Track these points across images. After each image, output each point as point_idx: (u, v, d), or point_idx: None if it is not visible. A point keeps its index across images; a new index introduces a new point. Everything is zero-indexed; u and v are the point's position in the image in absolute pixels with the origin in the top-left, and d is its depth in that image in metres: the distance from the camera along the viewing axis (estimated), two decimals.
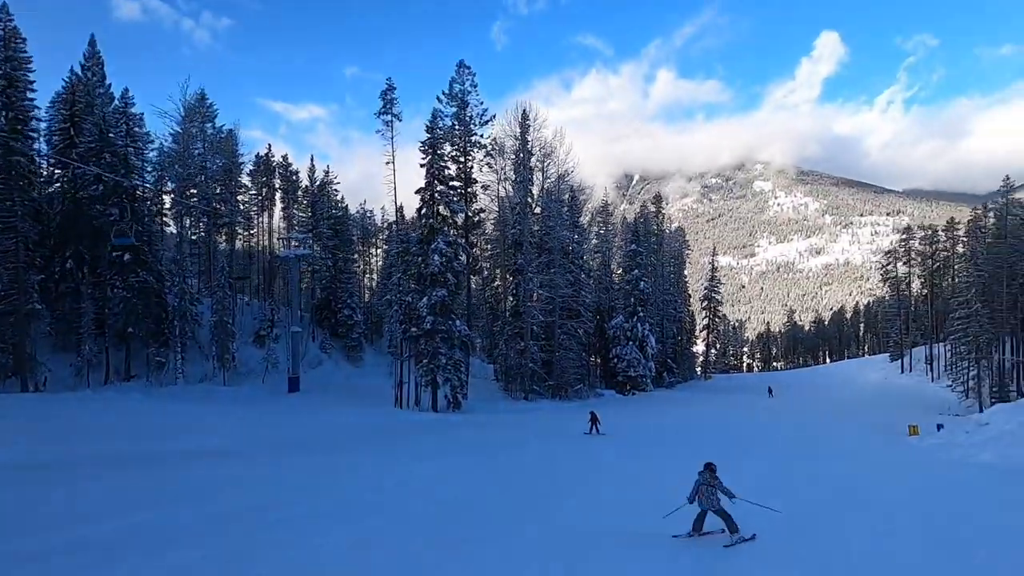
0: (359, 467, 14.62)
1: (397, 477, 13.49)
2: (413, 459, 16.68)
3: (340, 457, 16.32)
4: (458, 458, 17.18)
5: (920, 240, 55.97)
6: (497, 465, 16.43)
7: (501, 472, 15.11)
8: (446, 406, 32.60)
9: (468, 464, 16.07)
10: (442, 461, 16.35)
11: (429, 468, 14.92)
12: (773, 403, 46.11)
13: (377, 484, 12.52)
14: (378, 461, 16.10)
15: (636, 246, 51.14)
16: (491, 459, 17.27)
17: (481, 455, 17.95)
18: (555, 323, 44.55)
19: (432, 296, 31.10)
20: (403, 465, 15.31)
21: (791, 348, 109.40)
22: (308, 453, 17.12)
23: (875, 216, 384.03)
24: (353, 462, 15.54)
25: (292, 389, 37.73)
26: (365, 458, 16.60)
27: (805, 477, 16.87)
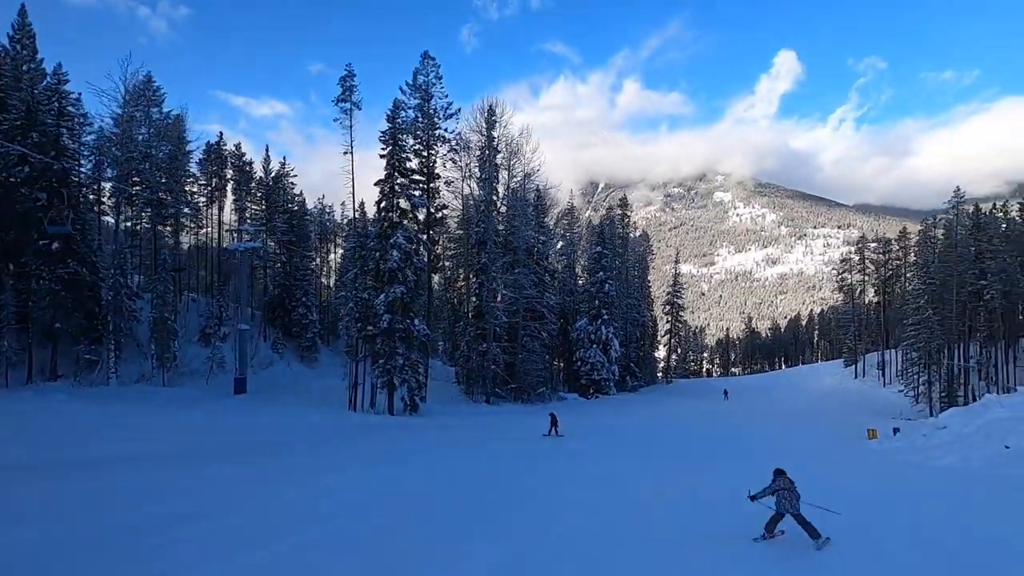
0: (292, 475, 13.09)
1: (332, 486, 12.10)
2: (357, 465, 15.30)
3: (275, 464, 14.75)
4: (405, 465, 15.85)
5: (873, 249, 57.74)
6: (450, 468, 15.22)
7: (452, 477, 13.91)
8: (403, 409, 31.11)
9: (416, 470, 14.78)
10: (387, 468, 14.98)
11: (372, 475, 13.57)
12: (734, 407, 46.25)
13: (307, 495, 11.10)
14: (316, 467, 14.63)
15: (601, 248, 50.72)
16: (443, 464, 16.02)
17: (432, 460, 16.68)
18: (519, 324, 43.56)
19: (390, 293, 29.63)
20: (342, 472, 13.92)
21: (750, 354, 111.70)
22: (240, 460, 15.49)
23: (827, 228, 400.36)
24: (289, 469, 14.01)
25: (238, 390, 35.52)
26: (303, 465, 15.09)
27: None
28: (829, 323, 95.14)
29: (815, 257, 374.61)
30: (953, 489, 14.44)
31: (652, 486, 13.53)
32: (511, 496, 12.02)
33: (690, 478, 15.01)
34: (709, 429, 31.18)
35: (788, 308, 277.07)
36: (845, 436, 30.18)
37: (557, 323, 48.48)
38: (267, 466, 14.35)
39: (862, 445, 26.09)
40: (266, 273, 48.89)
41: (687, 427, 31.80)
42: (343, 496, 11.15)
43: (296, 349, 48.76)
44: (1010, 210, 43.91)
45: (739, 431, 30.71)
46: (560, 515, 10.29)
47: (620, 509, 10.82)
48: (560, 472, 15.41)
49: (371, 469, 14.66)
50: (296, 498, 10.74)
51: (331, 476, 13.19)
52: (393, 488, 12.34)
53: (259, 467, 14.19)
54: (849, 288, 59.97)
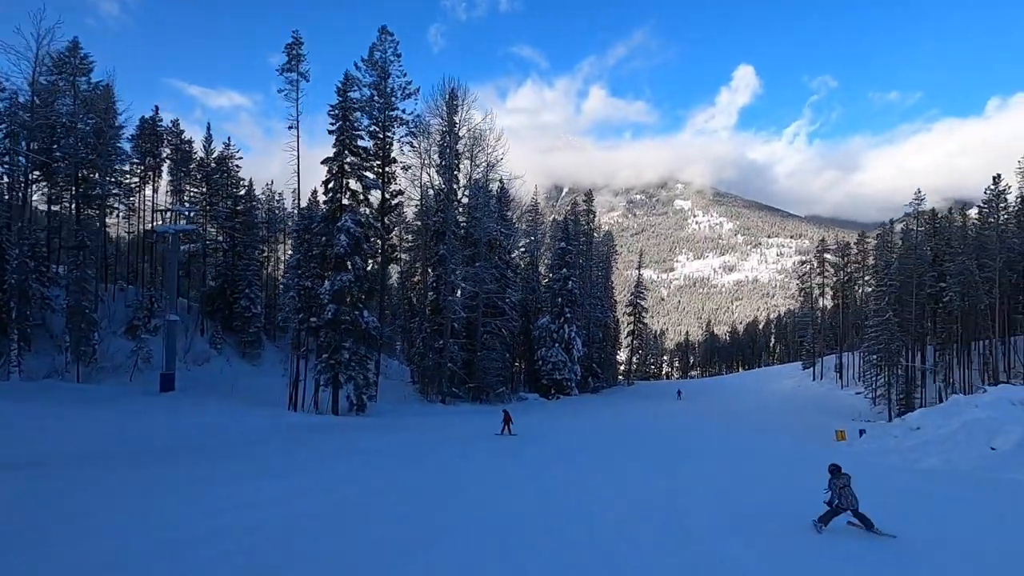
0: (179, 487, 10.58)
1: (221, 501, 9.69)
2: (268, 474, 12.82)
3: (167, 473, 12.13)
4: (328, 473, 13.53)
5: (833, 252, 58.20)
6: (379, 477, 12.98)
7: (375, 488, 11.69)
8: (348, 408, 28.48)
9: (336, 480, 12.49)
10: (299, 479, 12.51)
11: (275, 489, 11.11)
12: (698, 408, 45.28)
13: (178, 514, 8.68)
14: (214, 478, 12.05)
15: (566, 244, 49.11)
16: (372, 472, 13.76)
17: (361, 467, 14.40)
18: (478, 321, 41.42)
19: (336, 281, 27.00)
20: (241, 484, 11.44)
21: (709, 357, 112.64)
22: (136, 465, 12.88)
23: (781, 238, 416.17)
24: (181, 480, 11.45)
25: (165, 388, 32.06)
26: (201, 475, 12.48)
27: (753, 480, 14.86)
28: (786, 327, 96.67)
29: (769, 265, 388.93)
30: (961, 494, 13.15)
31: (615, 497, 11.62)
32: (444, 510, 9.92)
33: (659, 484, 13.22)
34: (674, 430, 29.75)
35: (744, 314, 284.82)
36: (812, 437, 29.31)
37: (519, 321, 46.54)
38: (158, 476, 11.75)
39: (833, 446, 25.07)
40: (205, 262, 45.17)
41: (652, 429, 30.30)
42: (222, 518, 8.62)
43: (238, 345, 45.21)
44: (969, 214, 44.61)
45: (704, 433, 29.43)
46: (505, 537, 8.25)
47: (579, 532, 8.84)
48: (509, 478, 13.36)
49: (278, 480, 12.14)
50: (161, 518, 8.32)
51: (228, 488, 10.72)
52: (293, 506, 9.96)
53: (149, 476, 11.61)
54: (808, 291, 60.36)
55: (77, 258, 32.20)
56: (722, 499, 11.77)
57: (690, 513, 10.28)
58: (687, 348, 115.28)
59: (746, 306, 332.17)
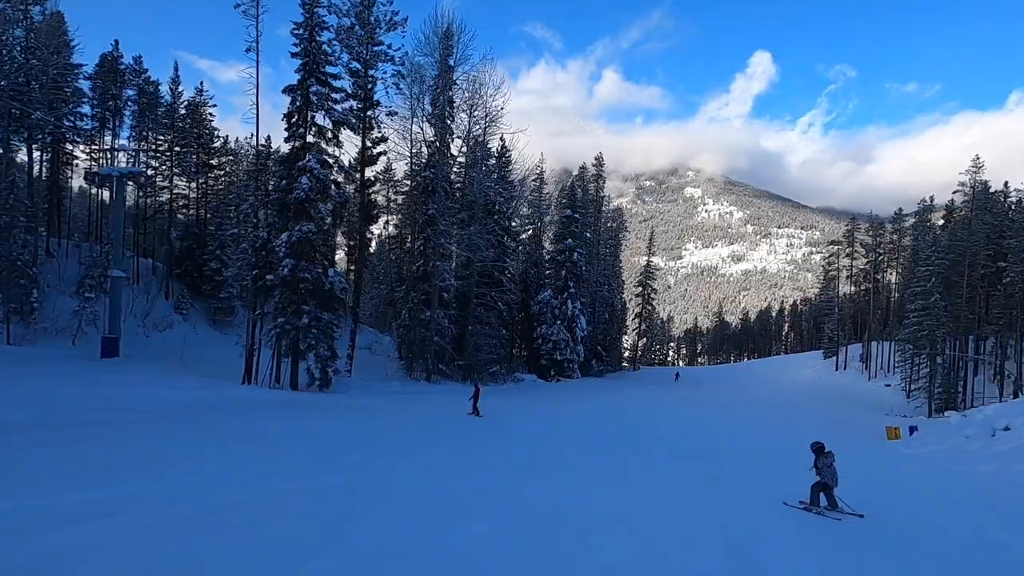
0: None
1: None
2: (120, 469, 8.58)
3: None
4: (212, 465, 9.25)
5: (866, 231, 53.00)
6: (276, 476, 8.69)
7: (257, 494, 7.38)
8: (309, 383, 24.23)
9: (210, 479, 8.21)
10: (164, 474, 8.31)
11: (100, 496, 6.85)
12: (716, 397, 40.79)
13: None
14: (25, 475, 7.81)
15: (572, 212, 44.36)
16: (269, 469, 9.48)
17: (264, 462, 10.12)
18: (471, 292, 37.01)
19: (295, 232, 22.55)
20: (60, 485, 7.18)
21: (718, 344, 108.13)
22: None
23: (791, 228, 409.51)
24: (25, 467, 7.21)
25: (107, 353, 27.90)
26: (61, 456, 8.27)
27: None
28: (801, 315, 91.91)
29: (778, 256, 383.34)
30: None
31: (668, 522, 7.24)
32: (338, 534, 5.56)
33: (693, 499, 8.85)
34: (696, 423, 25.31)
35: (751, 304, 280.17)
36: (856, 434, 24.86)
37: (518, 295, 42.12)
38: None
39: (889, 447, 20.64)
40: (172, 219, 40.79)
41: (667, 419, 25.84)
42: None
43: (207, 312, 41.09)
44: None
45: (729, 426, 24.97)
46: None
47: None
48: (454, 497, 8.89)
49: (124, 477, 7.91)
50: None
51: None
52: (91, 527, 5.65)
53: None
54: (834, 275, 55.38)
55: (6, 201, 27.90)
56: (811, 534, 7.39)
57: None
58: (695, 335, 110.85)
59: (754, 296, 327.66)
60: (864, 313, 53.64)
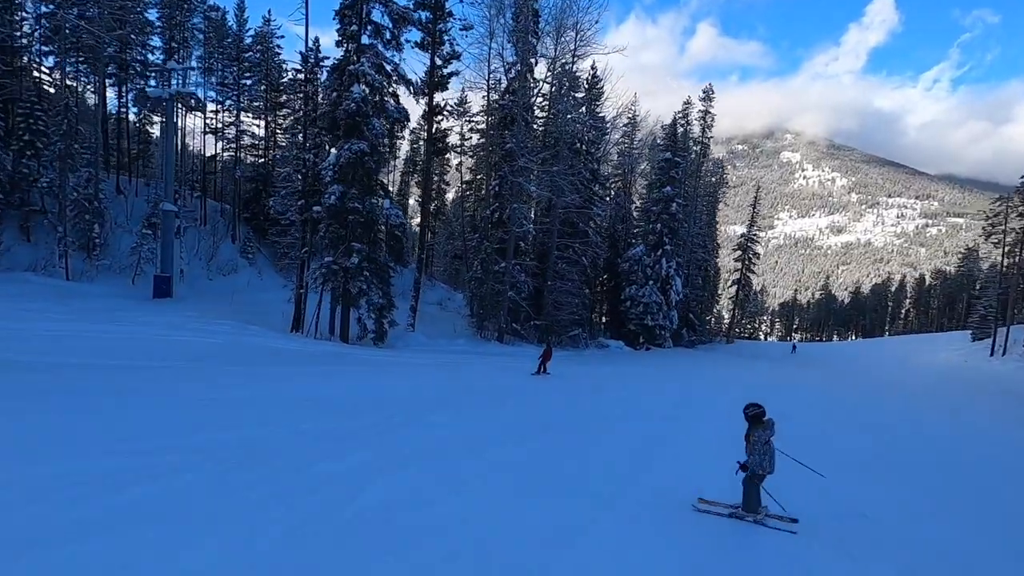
0: None
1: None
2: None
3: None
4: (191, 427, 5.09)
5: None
6: (271, 463, 4.43)
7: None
8: (361, 336, 20.58)
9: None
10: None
11: None
12: (837, 377, 33.63)
13: None
14: None
15: (671, 154, 37.87)
16: (271, 443, 5.26)
17: (268, 432, 5.96)
18: (552, 243, 32.15)
19: (344, 151, 18.51)
20: None
21: (823, 320, 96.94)
22: None
23: (903, 198, 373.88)
24: None
25: (158, 293, 25.94)
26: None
27: None
28: (930, 291, 79.48)
29: (886, 228, 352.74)
30: None
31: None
32: None
33: None
34: (846, 415, 19.26)
35: (849, 280, 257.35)
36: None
37: (604, 251, 36.77)
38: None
39: None
40: (237, 159, 38.69)
41: (815, 407, 19.92)
42: None
43: (273, 256, 39.14)
44: None
45: (931, 431, 18.76)
46: None
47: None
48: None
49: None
50: None
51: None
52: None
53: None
54: (1001, 236, 45.00)
55: (59, 126, 26.06)
56: None
57: None
58: (793, 309, 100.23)
59: (854, 271, 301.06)
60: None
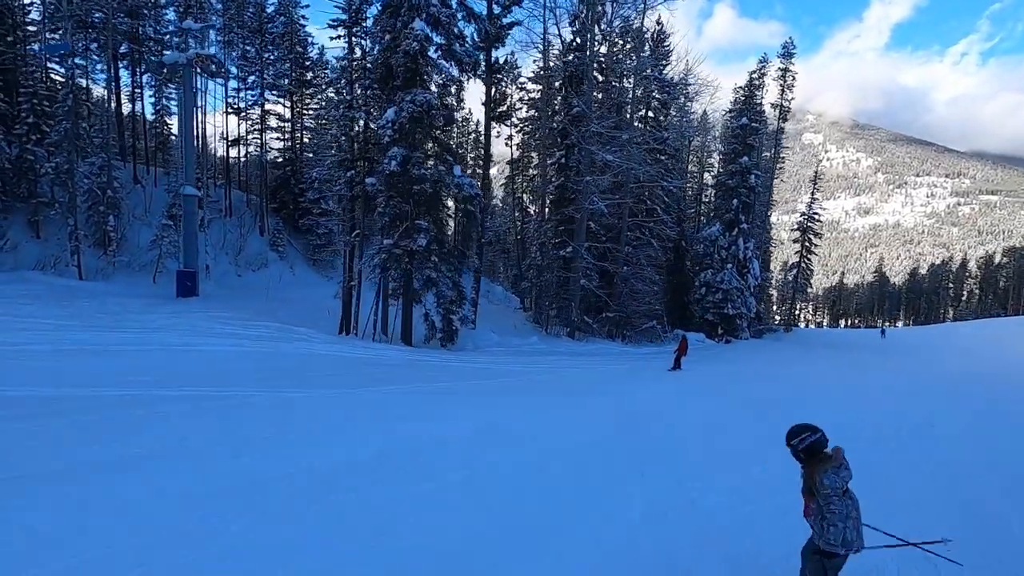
0: None
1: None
2: None
3: None
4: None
5: None
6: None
7: None
8: (427, 338, 16.70)
9: None
10: None
11: None
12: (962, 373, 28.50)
13: None
14: None
15: (748, 119, 33.37)
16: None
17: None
18: (624, 223, 28.01)
19: (406, 104, 14.53)
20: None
21: (875, 304, 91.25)
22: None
23: (933, 177, 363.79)
24: None
25: (183, 291, 22.31)
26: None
27: None
28: (999, 269, 73.67)
29: (915, 208, 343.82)
30: None
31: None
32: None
33: None
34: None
35: (876, 263, 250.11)
36: None
37: (675, 231, 32.51)
38: None
39: None
40: (263, 143, 35.07)
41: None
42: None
43: (305, 249, 35.65)
44: None
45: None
46: None
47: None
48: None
49: None
50: None
51: None
52: None
53: None
54: None
55: (72, 109, 22.51)
56: None
57: None
58: (840, 293, 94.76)
59: (884, 253, 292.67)
60: None
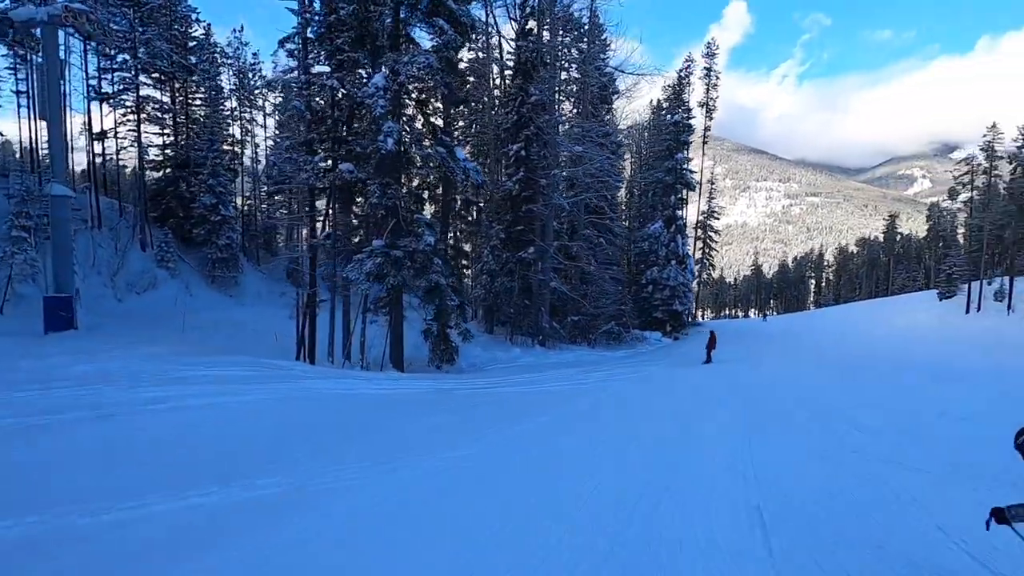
0: None
1: None
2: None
3: None
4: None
5: (1015, 139, 43.48)
6: None
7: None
8: (432, 359, 13.55)
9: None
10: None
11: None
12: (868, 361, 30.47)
13: None
14: None
15: (682, 116, 33.72)
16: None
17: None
18: (579, 222, 26.44)
19: (401, 67, 11.45)
20: None
21: (753, 295, 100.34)
22: None
23: (769, 182, 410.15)
24: None
25: (56, 325, 16.61)
26: None
27: None
28: (852, 257, 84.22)
29: (758, 209, 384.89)
30: None
31: None
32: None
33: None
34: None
35: (732, 258, 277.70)
36: None
37: (623, 229, 31.74)
38: None
39: None
40: (139, 138, 28.63)
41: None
42: None
43: (201, 265, 29.75)
44: None
45: None
46: None
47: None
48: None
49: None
50: None
51: None
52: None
53: None
54: (971, 193, 46.17)
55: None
56: None
57: None
58: (721, 286, 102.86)
59: (736, 250, 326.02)
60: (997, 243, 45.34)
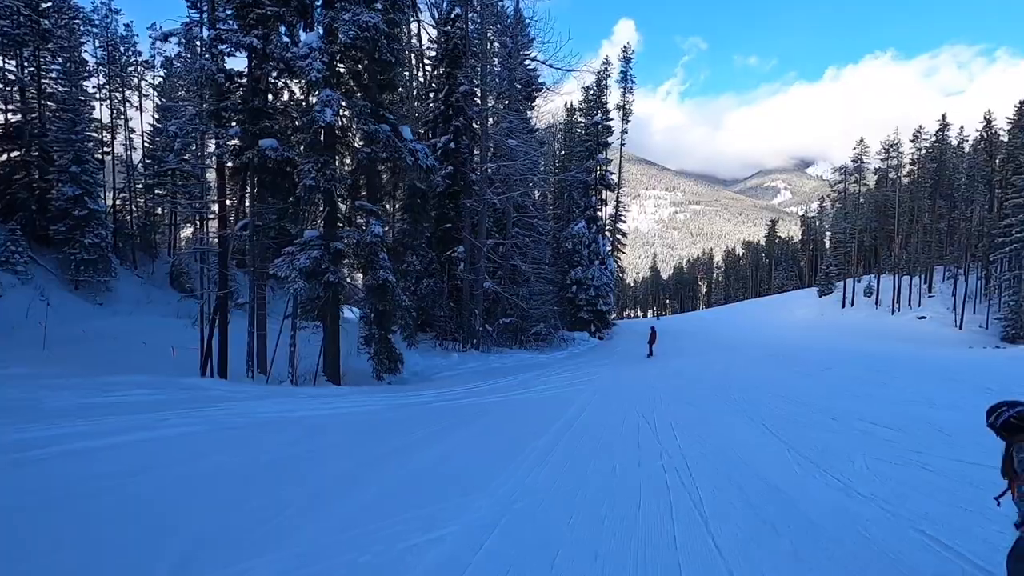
0: None
1: None
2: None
3: None
4: None
5: (876, 154, 49.30)
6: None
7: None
8: (380, 371, 11.82)
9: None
10: None
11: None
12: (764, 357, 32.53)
13: None
14: None
15: (602, 117, 33.89)
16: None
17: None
18: (509, 219, 25.45)
19: (341, 26, 9.76)
20: None
21: (651, 296, 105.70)
22: None
23: (657, 191, 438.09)
24: None
25: None
26: None
27: None
28: (738, 260, 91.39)
29: (648, 216, 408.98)
30: None
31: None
32: None
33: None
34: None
35: (628, 262, 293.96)
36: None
37: (549, 228, 31.17)
38: None
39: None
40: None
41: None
42: None
43: (62, 267, 25.10)
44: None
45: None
46: None
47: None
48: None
49: None
50: None
51: None
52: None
53: None
54: (843, 197, 51.31)
55: None
56: None
57: None
58: (623, 288, 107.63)
59: (631, 254, 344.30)
60: (866, 244, 50.86)
